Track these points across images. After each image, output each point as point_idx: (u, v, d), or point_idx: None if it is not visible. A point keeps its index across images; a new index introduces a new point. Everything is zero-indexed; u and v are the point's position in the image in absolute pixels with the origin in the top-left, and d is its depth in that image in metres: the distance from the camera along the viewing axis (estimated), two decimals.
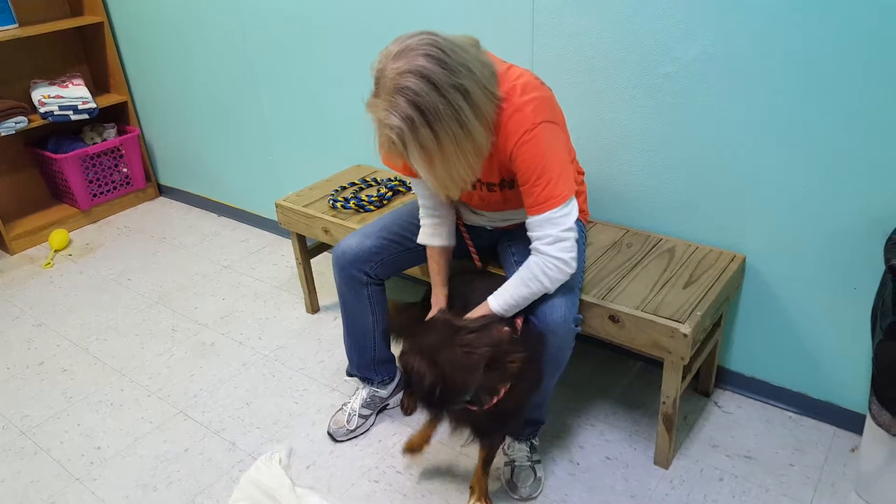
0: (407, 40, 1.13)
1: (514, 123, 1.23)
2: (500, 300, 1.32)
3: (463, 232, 1.54)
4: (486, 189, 1.40)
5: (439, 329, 1.25)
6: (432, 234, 1.49)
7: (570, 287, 1.35)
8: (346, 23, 2.06)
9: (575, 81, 1.67)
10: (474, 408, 1.26)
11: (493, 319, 1.29)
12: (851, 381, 1.57)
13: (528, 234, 1.30)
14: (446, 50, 1.12)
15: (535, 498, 1.48)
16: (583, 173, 1.60)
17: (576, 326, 1.35)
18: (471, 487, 1.47)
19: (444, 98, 1.11)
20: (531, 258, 1.30)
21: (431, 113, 1.11)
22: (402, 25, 1.93)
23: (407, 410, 1.27)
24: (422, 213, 1.50)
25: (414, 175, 1.40)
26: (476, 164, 1.21)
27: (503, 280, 1.35)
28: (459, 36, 1.20)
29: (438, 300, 1.50)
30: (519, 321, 1.34)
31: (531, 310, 1.34)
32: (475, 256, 1.54)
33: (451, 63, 1.12)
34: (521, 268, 1.31)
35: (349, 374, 1.72)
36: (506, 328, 1.29)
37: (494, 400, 1.25)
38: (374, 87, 1.15)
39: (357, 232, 1.59)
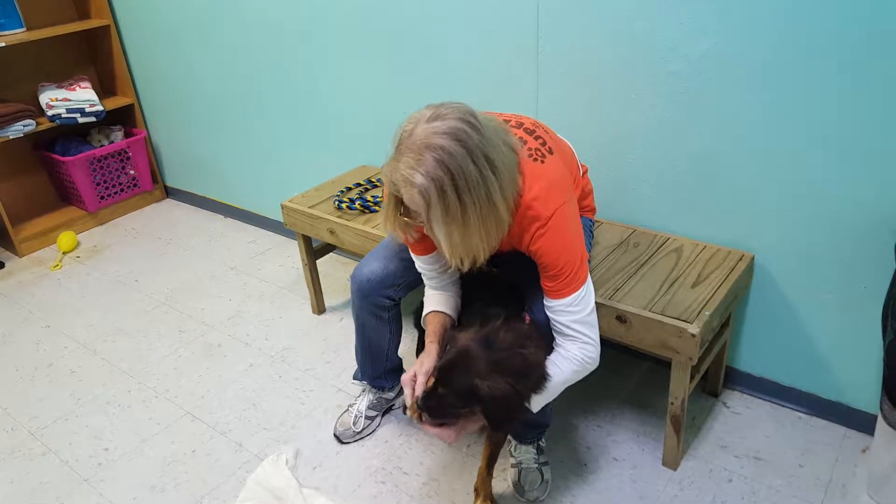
0: (440, 107, 1.09)
1: (527, 220, 1.20)
2: (535, 401, 1.25)
3: None
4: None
5: (475, 349, 1.19)
6: (438, 303, 1.38)
7: None
8: (350, 24, 2.06)
9: (581, 79, 1.66)
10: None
11: (503, 318, 1.26)
12: (862, 381, 1.55)
13: (553, 315, 1.25)
14: (482, 120, 1.09)
15: (542, 500, 1.48)
16: (587, 169, 1.59)
17: None
18: (475, 489, 1.46)
19: (476, 166, 1.05)
20: (561, 350, 1.25)
21: (461, 178, 1.04)
22: (407, 27, 1.94)
23: (452, 438, 1.23)
24: (426, 278, 1.41)
25: (418, 250, 1.35)
26: (495, 240, 1.15)
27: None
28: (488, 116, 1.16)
29: (430, 354, 1.34)
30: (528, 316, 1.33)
31: (529, 307, 1.33)
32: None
33: (485, 133, 1.07)
34: (552, 364, 1.24)
35: (356, 379, 1.72)
36: (522, 323, 1.27)
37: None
38: (396, 148, 1.08)
39: (375, 255, 1.52)
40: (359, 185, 2.10)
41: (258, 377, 1.94)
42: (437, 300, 1.39)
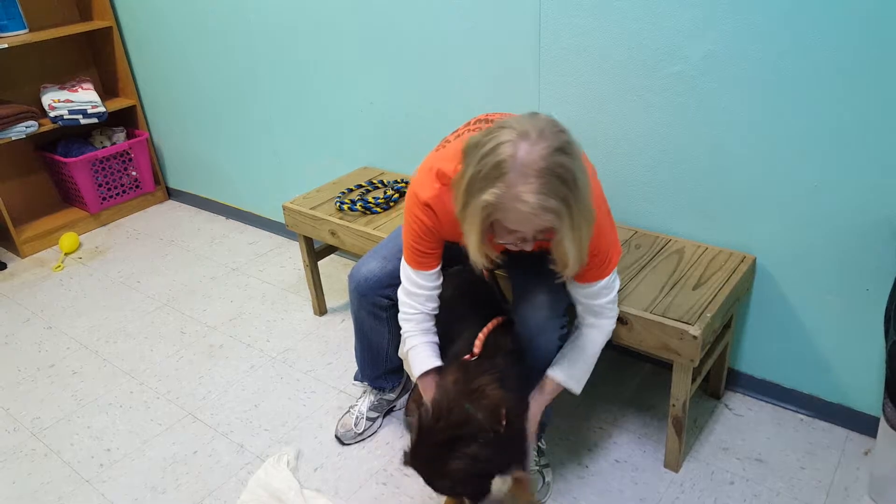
0: (532, 120, 1.05)
1: None
2: (578, 381, 1.34)
3: None
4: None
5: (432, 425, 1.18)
6: (430, 355, 1.37)
7: (557, 290, 1.34)
8: (351, 26, 2.07)
9: (582, 81, 1.66)
10: None
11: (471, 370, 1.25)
12: (865, 384, 1.55)
13: (586, 298, 1.30)
14: (565, 131, 1.08)
15: (544, 502, 1.47)
16: (595, 171, 1.58)
17: (561, 328, 1.35)
18: None
19: (581, 172, 1.06)
20: (588, 326, 1.33)
21: (580, 188, 1.05)
22: (408, 28, 1.94)
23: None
24: (411, 335, 1.37)
25: (432, 263, 1.33)
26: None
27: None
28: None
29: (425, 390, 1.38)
30: (486, 332, 1.32)
31: (516, 310, 1.34)
32: (485, 271, 1.51)
33: (574, 145, 1.07)
34: (580, 338, 1.33)
35: (357, 380, 1.72)
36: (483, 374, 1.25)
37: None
38: (500, 175, 1.02)
39: (374, 255, 1.52)
40: (360, 186, 2.10)
41: (259, 378, 1.95)
42: (427, 350, 1.36)
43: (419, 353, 1.37)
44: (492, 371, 1.23)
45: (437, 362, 1.36)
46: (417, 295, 1.35)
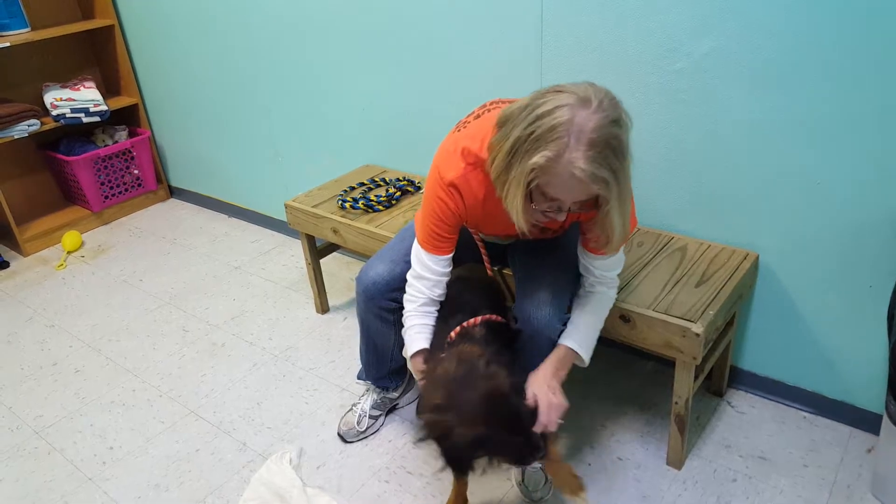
0: (592, 89, 1.04)
1: None
2: (587, 347, 1.32)
3: (477, 240, 1.52)
4: (539, 231, 1.35)
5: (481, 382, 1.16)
6: (426, 338, 1.36)
7: (560, 287, 1.34)
8: (353, 24, 2.06)
9: (584, 77, 1.64)
10: None
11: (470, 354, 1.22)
12: (868, 381, 1.55)
13: (602, 270, 1.30)
14: (616, 101, 1.07)
15: (546, 500, 1.47)
16: None
17: (563, 326, 1.33)
18: None
19: (629, 152, 1.07)
20: (599, 293, 1.33)
21: (627, 160, 1.06)
22: (408, 22, 1.93)
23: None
24: (413, 316, 1.36)
25: (450, 248, 1.32)
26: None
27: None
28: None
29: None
30: (467, 325, 1.31)
31: (518, 305, 1.34)
32: (487, 265, 1.50)
33: (621, 113, 1.06)
34: (591, 304, 1.32)
35: (360, 379, 1.72)
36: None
37: None
38: (555, 138, 1.00)
39: (382, 258, 1.50)
40: (362, 184, 2.10)
41: (262, 376, 1.95)
42: (422, 332, 1.36)
43: (413, 334, 1.37)
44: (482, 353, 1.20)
45: (427, 345, 1.36)
46: (426, 279, 1.35)
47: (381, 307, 1.50)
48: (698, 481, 1.50)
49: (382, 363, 1.63)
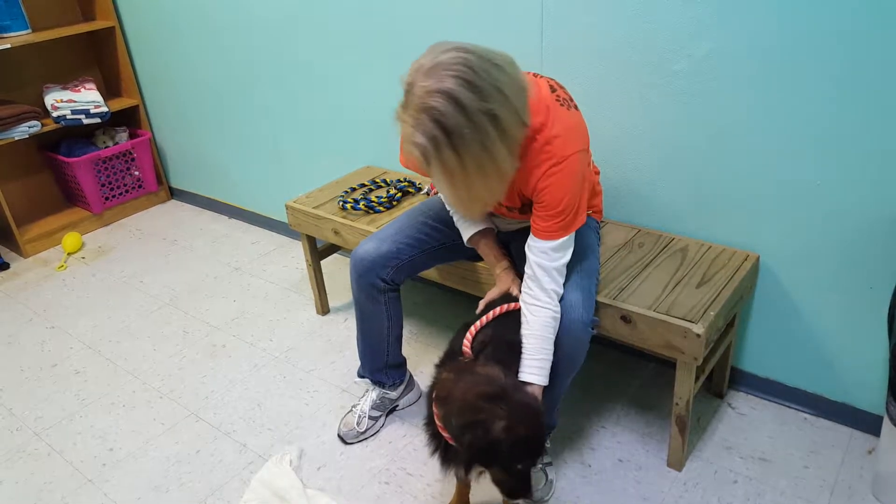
0: (440, 55, 1.10)
1: (545, 155, 1.22)
2: (542, 373, 1.28)
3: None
4: (506, 210, 1.41)
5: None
6: (471, 225, 1.48)
7: (587, 288, 1.35)
8: (353, 24, 2.07)
9: (585, 79, 1.66)
10: None
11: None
12: (868, 382, 1.54)
13: (535, 258, 1.29)
14: (478, 71, 1.08)
15: (546, 501, 1.47)
16: (598, 173, 1.59)
17: (592, 329, 1.34)
18: None
19: (471, 122, 1.08)
20: (542, 313, 1.28)
21: (456, 136, 1.07)
22: (409, 23, 1.94)
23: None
24: (452, 211, 1.51)
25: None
26: (498, 188, 1.19)
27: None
28: (495, 52, 1.14)
29: (507, 281, 1.43)
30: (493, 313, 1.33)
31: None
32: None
33: (482, 86, 1.08)
34: (532, 326, 1.28)
35: (360, 376, 1.72)
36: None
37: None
38: (404, 97, 1.12)
39: (373, 237, 1.57)
40: (363, 185, 2.10)
41: (262, 378, 1.95)
42: (467, 223, 1.48)
43: (462, 225, 1.50)
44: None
45: (478, 228, 1.47)
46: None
47: (372, 285, 1.53)
48: (699, 483, 1.50)
49: (378, 353, 1.64)
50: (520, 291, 1.36)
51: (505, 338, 1.30)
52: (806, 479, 1.48)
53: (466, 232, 1.50)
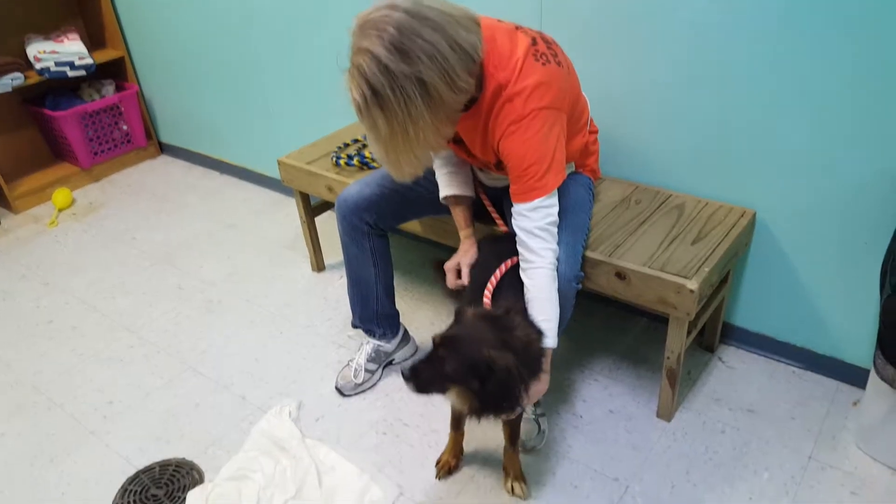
0: (373, 13, 1.09)
1: (505, 113, 1.20)
2: (550, 335, 1.26)
3: (484, 200, 1.52)
4: (484, 165, 1.41)
5: (484, 325, 1.18)
6: (448, 184, 1.48)
7: (571, 244, 1.34)
8: None
9: (584, 32, 1.62)
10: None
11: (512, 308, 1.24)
12: (857, 337, 1.57)
13: (515, 221, 1.28)
14: (406, 32, 1.06)
15: (539, 450, 1.51)
16: (596, 132, 1.57)
17: (577, 284, 1.35)
18: (504, 469, 1.44)
19: (396, 85, 1.07)
20: (536, 274, 1.27)
21: (381, 97, 1.09)
22: None
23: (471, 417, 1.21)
24: (436, 164, 1.49)
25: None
26: (423, 154, 1.20)
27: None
28: (442, 10, 1.10)
29: (465, 249, 1.46)
30: (501, 271, 1.34)
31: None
32: (500, 221, 1.50)
33: (409, 50, 1.06)
34: (531, 291, 1.27)
35: (353, 326, 1.73)
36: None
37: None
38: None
39: (358, 181, 1.59)
40: (356, 140, 2.07)
41: (259, 333, 1.96)
42: (447, 181, 1.47)
43: (441, 181, 1.50)
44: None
45: (454, 192, 1.47)
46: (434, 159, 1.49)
47: (355, 227, 1.55)
48: (687, 433, 1.54)
49: (367, 302, 1.65)
50: (470, 264, 1.41)
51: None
52: (791, 429, 1.53)
53: (443, 190, 1.49)
